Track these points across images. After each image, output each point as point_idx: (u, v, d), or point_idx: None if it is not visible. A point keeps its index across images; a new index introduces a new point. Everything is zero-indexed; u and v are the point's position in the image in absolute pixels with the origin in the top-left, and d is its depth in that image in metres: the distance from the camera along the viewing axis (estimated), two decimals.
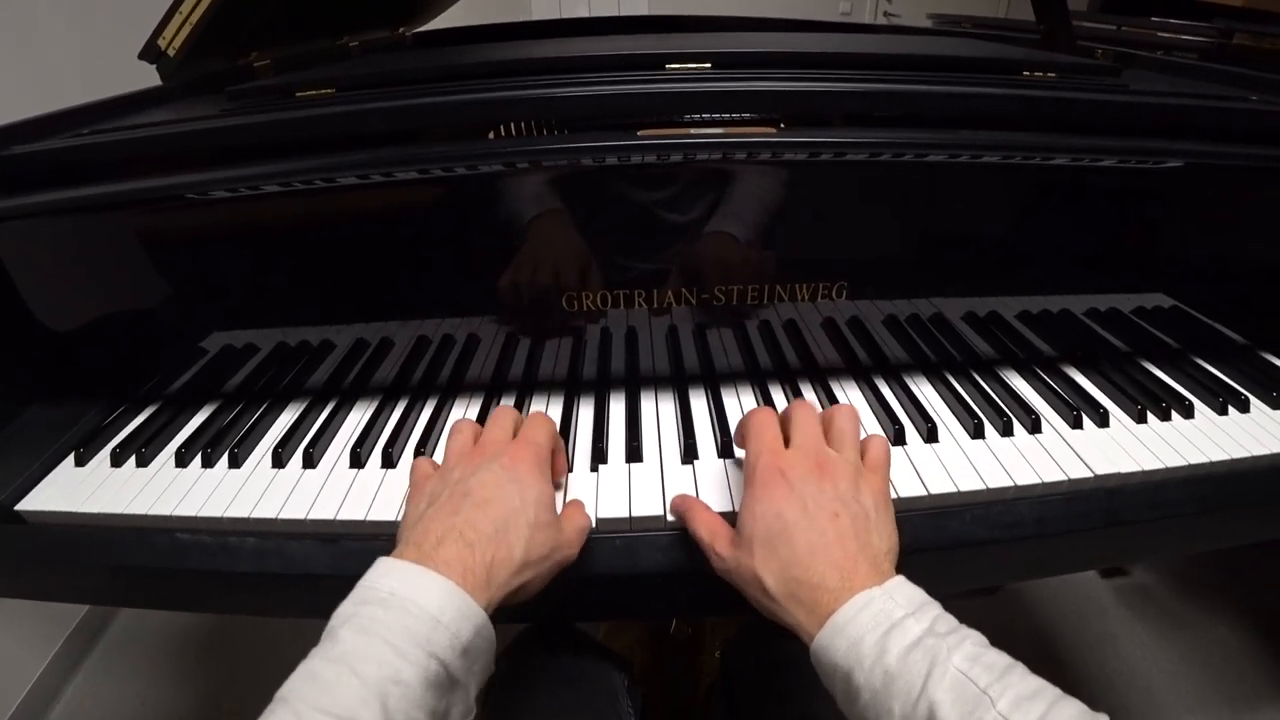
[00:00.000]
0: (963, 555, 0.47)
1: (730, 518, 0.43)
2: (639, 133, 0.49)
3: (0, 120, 0.57)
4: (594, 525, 0.45)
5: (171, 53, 0.68)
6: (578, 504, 0.45)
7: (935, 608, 0.36)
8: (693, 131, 0.51)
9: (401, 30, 1.17)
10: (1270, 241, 0.59)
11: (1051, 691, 0.32)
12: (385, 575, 0.33)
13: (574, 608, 0.51)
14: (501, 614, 0.37)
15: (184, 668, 1.20)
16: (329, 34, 0.98)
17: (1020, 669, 0.33)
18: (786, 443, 0.42)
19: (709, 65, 0.57)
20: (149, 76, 0.70)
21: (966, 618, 0.36)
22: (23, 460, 0.52)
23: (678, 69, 0.57)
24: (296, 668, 0.31)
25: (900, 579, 0.37)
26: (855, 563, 0.37)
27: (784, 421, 0.44)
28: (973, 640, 0.34)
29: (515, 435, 0.44)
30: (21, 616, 1.11)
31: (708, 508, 0.44)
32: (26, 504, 0.50)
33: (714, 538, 0.41)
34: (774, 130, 0.50)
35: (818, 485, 0.39)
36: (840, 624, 0.35)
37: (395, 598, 0.32)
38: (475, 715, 0.35)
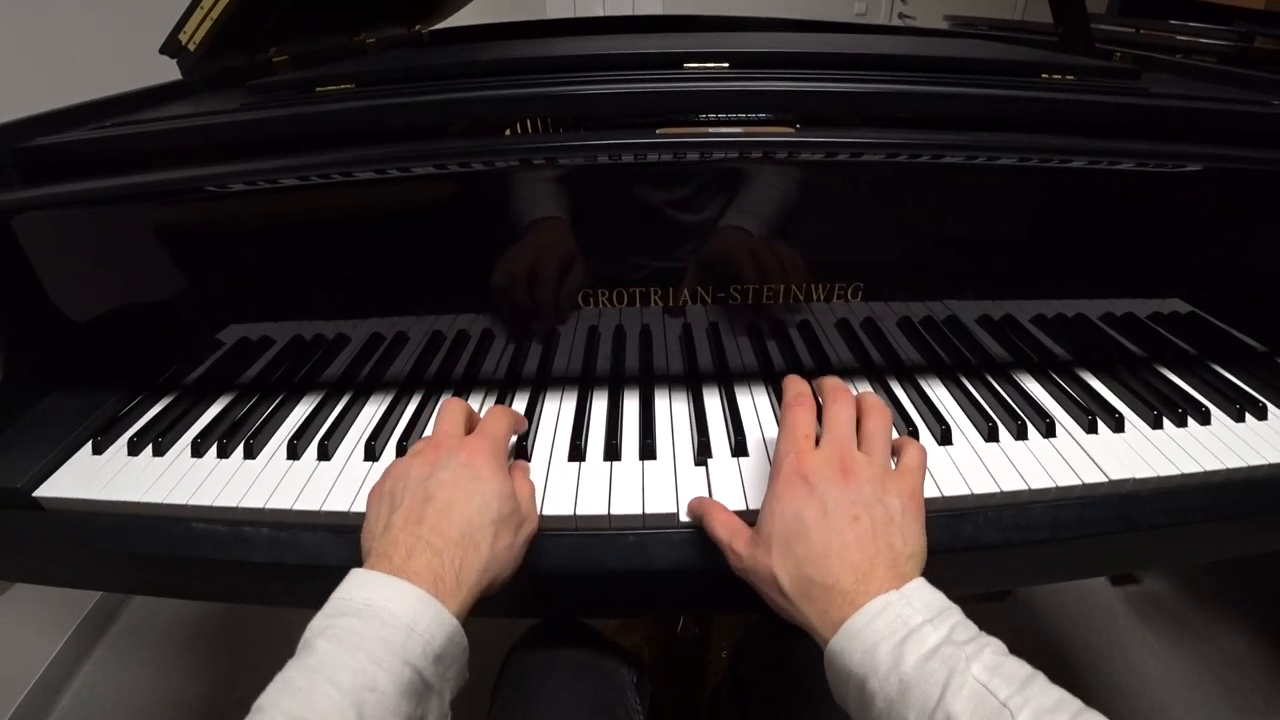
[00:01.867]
0: (976, 558, 0.47)
1: (743, 518, 0.44)
2: (657, 131, 0.49)
3: (24, 112, 0.58)
4: (609, 523, 0.46)
5: (192, 48, 0.68)
6: (518, 467, 0.45)
7: (955, 614, 0.35)
8: (710, 131, 0.51)
9: (418, 28, 1.17)
10: None
11: (1073, 704, 0.31)
12: (360, 587, 0.34)
13: (585, 604, 0.52)
14: (512, 609, 0.37)
15: (195, 656, 1.21)
16: (347, 30, 0.99)
17: (1041, 680, 0.32)
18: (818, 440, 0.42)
19: (727, 65, 0.57)
20: (170, 71, 0.71)
21: (976, 623, 0.36)
22: (41, 447, 0.53)
23: (695, 68, 0.57)
24: (273, 679, 0.31)
25: (920, 582, 0.36)
26: (873, 565, 0.36)
27: (821, 401, 0.44)
28: (992, 649, 0.33)
29: (468, 427, 0.45)
30: (34, 602, 1.12)
31: (725, 508, 0.44)
32: (44, 491, 0.50)
33: (732, 537, 0.41)
34: (791, 130, 0.50)
35: (840, 488, 0.39)
36: (855, 629, 0.34)
37: (370, 608, 0.33)
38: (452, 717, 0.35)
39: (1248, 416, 0.55)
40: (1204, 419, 0.54)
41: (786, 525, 0.38)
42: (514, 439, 0.50)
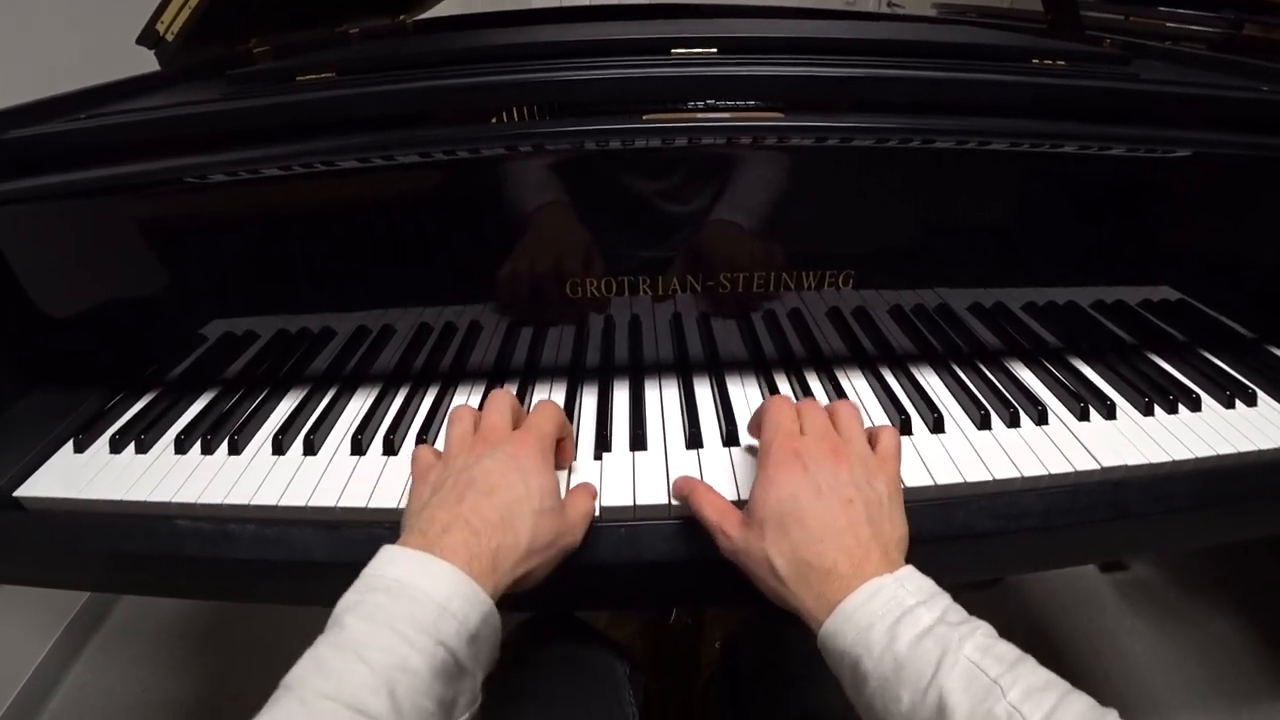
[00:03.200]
0: (968, 546, 0.47)
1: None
2: (644, 116, 0.49)
3: None
4: (598, 514, 0.45)
5: (170, 37, 0.67)
6: (584, 488, 0.45)
7: (946, 598, 0.36)
8: (698, 116, 0.51)
9: (402, 17, 1.16)
10: (1278, 234, 0.58)
11: (1061, 685, 0.32)
12: (390, 563, 0.33)
13: (577, 597, 0.51)
14: (505, 603, 0.36)
15: (185, 655, 1.20)
16: (329, 20, 0.97)
17: (1031, 661, 0.33)
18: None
19: (715, 50, 0.57)
20: (147, 62, 0.69)
21: (965, 610, 0.36)
22: (21, 446, 0.52)
23: (683, 54, 0.57)
24: (303, 655, 0.30)
25: (911, 568, 0.37)
26: (867, 550, 0.37)
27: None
28: (983, 631, 0.34)
29: (514, 420, 0.44)
30: (22, 603, 1.11)
31: (712, 489, 0.44)
32: (25, 490, 0.49)
33: (722, 518, 0.41)
34: (780, 115, 0.50)
35: (833, 469, 0.39)
36: (849, 610, 0.35)
37: (401, 585, 0.32)
38: (479, 703, 0.35)
39: (1238, 403, 0.55)
40: (1195, 406, 0.54)
41: (781, 507, 0.38)
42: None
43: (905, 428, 0.51)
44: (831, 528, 0.37)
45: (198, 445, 0.52)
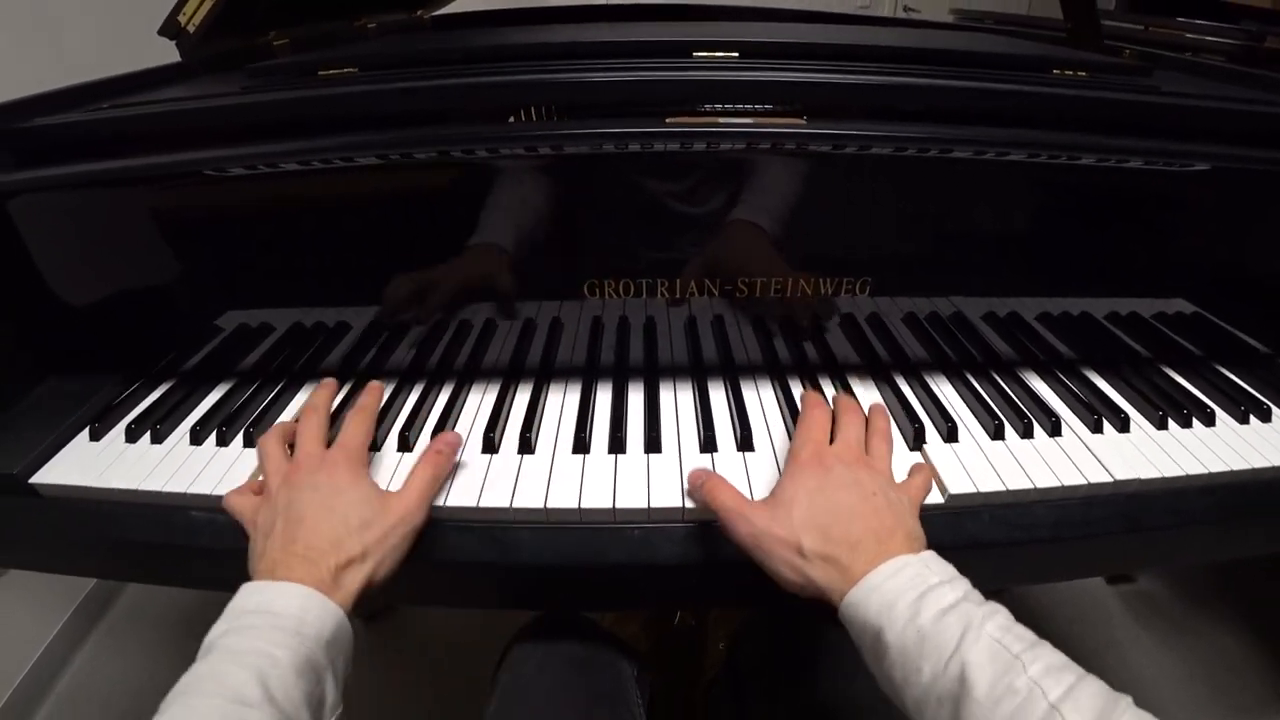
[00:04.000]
0: (978, 556, 0.47)
1: None
2: (667, 120, 0.49)
3: (21, 94, 0.57)
4: (614, 517, 0.45)
5: (191, 29, 0.67)
6: (418, 470, 0.45)
7: (967, 582, 0.37)
8: (720, 120, 0.51)
9: (420, 13, 1.16)
10: None
11: (1078, 667, 0.33)
12: (251, 594, 0.37)
13: (588, 598, 0.51)
14: (513, 602, 0.37)
15: (190, 643, 1.18)
16: (347, 14, 0.98)
17: (1049, 644, 0.34)
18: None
19: (736, 54, 0.57)
20: (168, 53, 0.70)
21: None
22: (37, 434, 0.52)
23: (705, 57, 0.57)
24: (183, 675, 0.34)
25: (933, 552, 0.38)
26: (892, 533, 0.39)
27: (835, 413, 0.48)
28: (1003, 614, 0.35)
29: (328, 429, 0.47)
30: (29, 588, 1.12)
31: (726, 480, 0.44)
32: (40, 477, 0.50)
33: (740, 503, 0.42)
34: (801, 121, 0.49)
35: (854, 473, 0.42)
36: (875, 583, 0.36)
37: (261, 607, 0.36)
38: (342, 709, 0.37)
39: (1252, 418, 0.55)
40: (1208, 420, 0.54)
41: (809, 492, 0.41)
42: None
43: (919, 436, 0.51)
44: (857, 509, 0.40)
45: (213, 436, 0.52)
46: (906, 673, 0.34)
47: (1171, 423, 0.54)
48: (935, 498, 0.47)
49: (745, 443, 0.50)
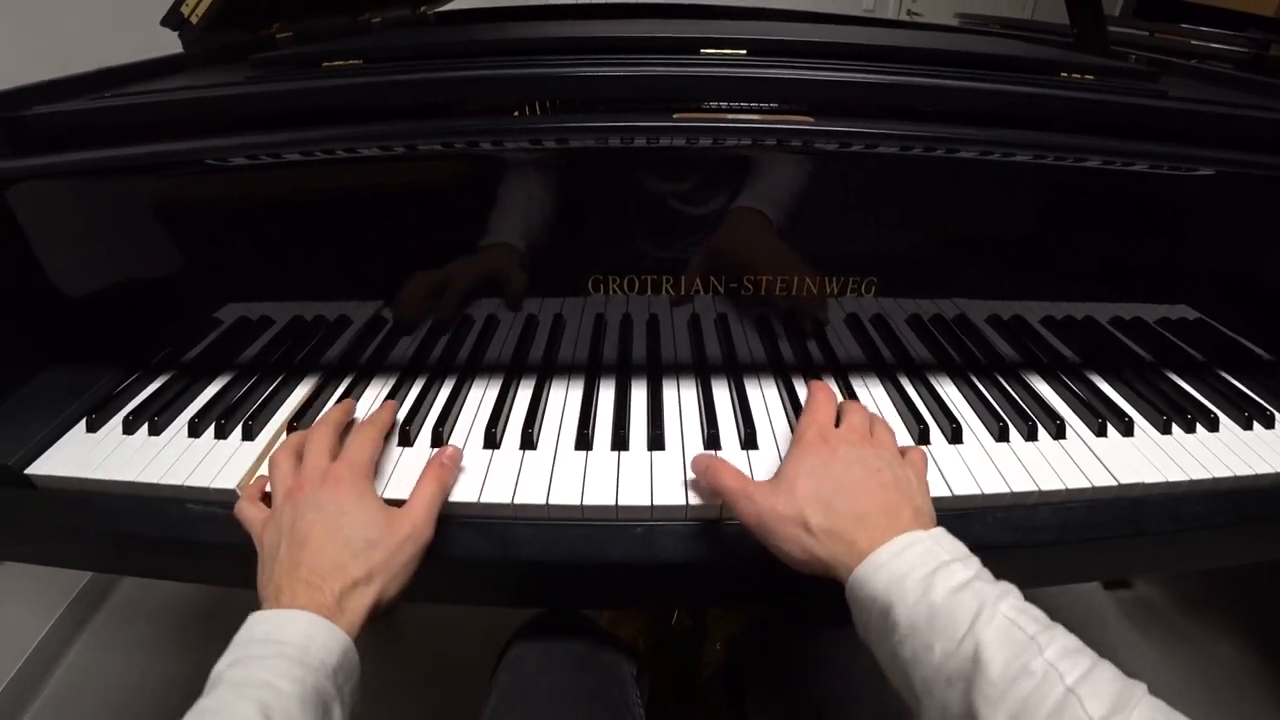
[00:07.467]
0: (983, 557, 0.46)
1: None
2: (674, 115, 0.48)
3: (22, 81, 0.56)
4: (617, 514, 0.45)
5: (194, 20, 0.67)
6: (424, 482, 0.44)
7: (978, 561, 0.36)
8: (727, 116, 0.50)
9: (424, 9, 1.16)
10: None
11: (1092, 652, 0.32)
12: (257, 624, 0.36)
13: (588, 595, 0.51)
14: (512, 599, 0.37)
15: (186, 638, 1.20)
16: (351, 8, 0.97)
17: (1062, 627, 0.33)
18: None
19: (744, 52, 0.56)
20: (171, 44, 0.69)
21: None
22: (34, 424, 0.52)
23: (713, 54, 0.56)
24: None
25: (944, 529, 0.38)
26: (900, 509, 0.38)
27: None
28: (1016, 594, 0.35)
29: (339, 439, 0.46)
30: (24, 581, 1.11)
31: (729, 463, 0.44)
32: (36, 468, 0.49)
33: (745, 484, 0.42)
34: (808, 119, 0.49)
35: (859, 450, 0.42)
36: (884, 559, 0.36)
37: (267, 636, 0.35)
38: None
39: (1255, 425, 0.55)
40: (1212, 426, 0.54)
41: (813, 469, 0.40)
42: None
43: (924, 437, 0.51)
44: (864, 484, 0.39)
45: (211, 429, 0.52)
46: (916, 650, 0.33)
47: (1175, 427, 0.54)
48: (939, 490, 0.47)
49: (749, 441, 0.50)
